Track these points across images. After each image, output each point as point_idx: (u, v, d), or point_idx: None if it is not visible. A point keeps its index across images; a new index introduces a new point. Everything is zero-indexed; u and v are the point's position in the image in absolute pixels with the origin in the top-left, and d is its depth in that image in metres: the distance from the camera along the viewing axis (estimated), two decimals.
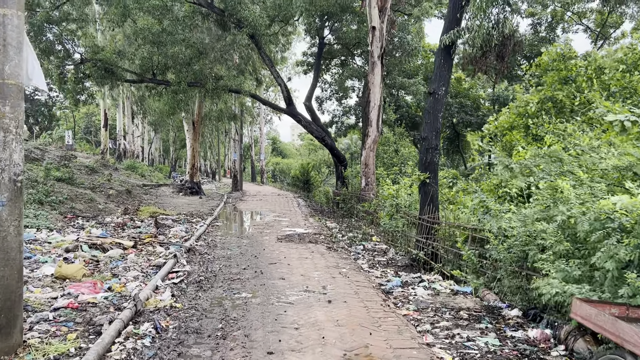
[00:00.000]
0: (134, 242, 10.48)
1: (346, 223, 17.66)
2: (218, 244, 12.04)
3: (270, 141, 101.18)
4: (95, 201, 19.59)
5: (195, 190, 30.80)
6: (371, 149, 19.79)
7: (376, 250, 12.61)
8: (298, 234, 13.99)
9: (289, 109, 22.84)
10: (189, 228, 14.50)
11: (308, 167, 38.57)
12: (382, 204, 15.78)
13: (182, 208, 22.36)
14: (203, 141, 70.25)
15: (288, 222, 17.18)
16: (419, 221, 11.54)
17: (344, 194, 21.02)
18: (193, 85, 21.14)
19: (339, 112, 34.09)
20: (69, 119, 74.72)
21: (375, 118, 19.79)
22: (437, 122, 11.55)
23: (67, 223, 14.61)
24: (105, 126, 36.69)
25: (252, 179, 66.80)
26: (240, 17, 19.58)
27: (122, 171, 33.31)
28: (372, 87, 19.74)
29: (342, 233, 14.88)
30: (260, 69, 31.89)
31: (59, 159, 26.00)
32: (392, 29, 20.82)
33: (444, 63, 11.54)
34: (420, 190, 11.65)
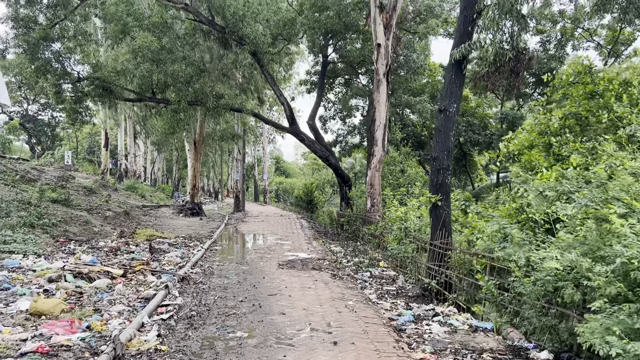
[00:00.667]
0: (123, 270, 9.72)
1: (351, 246, 16.86)
2: (215, 271, 11.26)
3: (273, 161, 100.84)
4: (90, 224, 18.88)
5: (196, 211, 30.08)
6: (377, 168, 19.09)
7: (384, 277, 11.80)
8: (301, 260, 13.20)
9: (292, 128, 22.23)
10: (185, 253, 13.73)
11: (311, 187, 37.87)
12: (389, 227, 15.00)
13: (181, 230, 21.62)
14: (206, 161, 69.87)
15: (290, 246, 16.40)
16: (431, 247, 10.76)
17: (349, 216, 20.26)
18: (193, 103, 20.58)
19: (343, 132, 33.53)
20: (72, 139, 74.51)
21: (380, 137, 19.13)
22: (449, 141, 10.86)
23: (58, 248, 13.87)
24: (105, 146, 36.19)
25: (255, 199, 66.09)
26: (242, 34, 19.10)
27: (121, 192, 32.68)
28: (378, 106, 19.12)
29: (348, 258, 14.09)
30: (262, 89, 31.44)
31: (56, 179, 25.39)
32: (398, 46, 20.30)
33: (455, 79, 10.89)
34: (431, 213, 10.90)
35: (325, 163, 22.85)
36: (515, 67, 11.19)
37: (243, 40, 19.35)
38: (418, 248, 11.88)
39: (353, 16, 20.95)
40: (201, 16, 19.07)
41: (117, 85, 19.35)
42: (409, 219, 12.59)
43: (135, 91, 20.30)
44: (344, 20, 20.90)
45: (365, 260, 13.41)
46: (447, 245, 10.38)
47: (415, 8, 23.84)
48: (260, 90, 31.10)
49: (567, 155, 8.01)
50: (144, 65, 18.79)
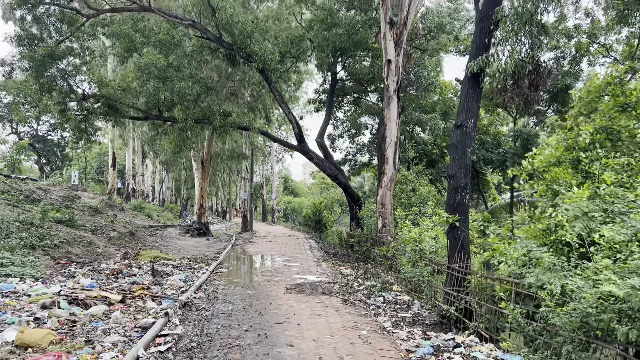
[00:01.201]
0: (122, 295, 9.16)
1: (362, 268, 16.19)
2: (219, 296, 10.66)
3: (281, 180, 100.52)
4: (94, 245, 18.40)
5: (203, 232, 29.57)
6: (388, 187, 18.49)
7: (398, 302, 11.12)
8: (310, 283, 12.56)
9: (300, 146, 21.75)
10: (189, 276, 13.15)
11: (320, 206, 37.25)
12: (402, 249, 14.36)
13: (187, 251, 21.07)
14: (214, 180, 69.66)
15: (299, 268, 15.77)
16: (448, 270, 10.11)
17: (359, 236, 19.60)
18: (200, 122, 20.21)
19: (352, 150, 33.00)
20: (82, 159, 74.72)
21: (391, 155, 18.57)
22: (466, 158, 10.29)
23: (58, 270, 13.35)
24: (113, 166, 35.96)
25: (263, 219, 65.51)
26: (250, 51, 18.79)
27: (128, 212, 32.29)
28: (388, 123, 18.62)
29: (359, 281, 13.42)
30: (270, 107, 31.17)
31: (62, 199, 25.04)
32: (409, 63, 19.89)
33: (472, 92, 10.37)
34: (449, 234, 10.28)
35: (335, 181, 22.31)
36: (534, 80, 10.65)
37: (251, 58, 19.03)
38: (434, 271, 11.23)
39: (362, 34, 20.60)
40: (208, 33, 18.81)
41: (123, 103, 19.04)
42: (424, 240, 11.95)
43: (141, 109, 19.98)
44: (353, 38, 20.55)
45: (377, 284, 12.74)
46: (466, 269, 9.74)
47: (425, 25, 23.51)
48: (268, 109, 30.84)
49: (598, 172, 7.41)
50: (151, 82, 18.49)
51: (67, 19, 16.61)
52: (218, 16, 17.79)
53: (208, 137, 30.01)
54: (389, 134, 18.60)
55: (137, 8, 18.04)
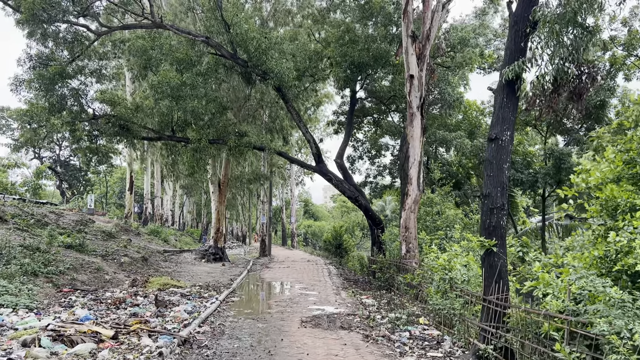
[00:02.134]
0: (114, 331, 8.14)
1: (385, 298, 14.93)
2: (226, 330, 9.57)
3: (302, 204, 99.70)
4: (102, 271, 17.56)
5: (219, 257, 28.60)
6: (412, 209, 17.31)
7: (426, 338, 9.87)
8: (327, 315, 11.39)
9: (319, 166, 20.78)
10: (197, 306, 12.10)
11: (340, 230, 36.09)
12: (428, 277, 13.13)
13: (200, 278, 20.08)
14: (234, 204, 69.15)
15: (316, 297, 14.59)
16: (484, 303, 8.87)
17: (381, 262, 18.36)
18: (214, 142, 19.45)
19: (373, 172, 31.92)
20: (103, 184, 75.12)
21: (415, 175, 17.45)
22: (502, 175, 9.12)
23: (57, 299, 12.46)
24: (130, 189, 35.51)
25: (283, 243, 64.44)
26: (266, 68, 18.05)
27: (144, 236, 31.60)
28: (412, 141, 17.55)
29: (382, 313, 12.19)
30: (288, 128, 30.43)
31: (74, 224, 24.43)
32: (432, 78, 18.90)
33: (507, 102, 9.26)
34: (484, 261, 9.04)
35: (355, 204, 21.20)
36: (577, 87, 9.52)
37: (267, 75, 18.28)
38: (467, 303, 9.98)
39: (382, 48, 19.72)
40: (223, 50, 18.16)
41: (135, 123, 18.42)
42: (454, 268, 10.72)
43: (154, 129, 19.33)
44: (372, 52, 19.69)
45: (402, 316, 11.49)
46: (505, 302, 8.49)
47: (448, 42, 22.57)
48: (286, 131, 30.07)
49: None
50: (164, 101, 17.84)
51: (77, 36, 16.14)
52: (232, 32, 17.15)
53: (225, 159, 29.32)
54: (412, 153, 17.51)
55: (150, 25, 17.54)
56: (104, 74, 18.63)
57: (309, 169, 22.68)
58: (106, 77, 18.94)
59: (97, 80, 17.73)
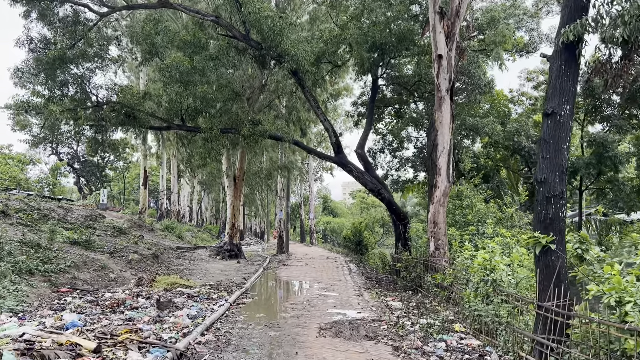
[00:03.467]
0: (97, 343, 6.86)
1: (413, 300, 13.46)
2: (232, 340, 8.24)
3: (320, 200, 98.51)
4: (107, 269, 16.44)
5: (235, 254, 27.41)
6: (441, 203, 15.76)
7: (466, 350, 8.40)
8: (349, 322, 9.98)
9: (338, 157, 19.35)
10: (203, 309, 10.81)
11: (360, 226, 34.57)
12: (462, 277, 11.62)
13: (212, 276, 18.86)
14: (253, 199, 68.25)
15: (336, 299, 13.19)
16: (540, 311, 7.36)
17: (407, 260, 16.86)
18: (227, 131, 18.17)
19: (395, 165, 30.28)
20: (121, 180, 74.84)
21: (444, 165, 15.90)
22: (561, 157, 7.59)
23: (50, 301, 11.30)
24: (144, 184, 34.59)
25: (302, 239, 63.24)
26: (281, 50, 16.67)
27: (158, 232, 30.62)
28: (440, 127, 16.00)
29: (411, 318, 10.73)
30: (305, 120, 29.04)
31: (83, 219, 23.46)
32: (462, 59, 17.27)
33: (566, 69, 7.71)
34: (539, 261, 7.52)
35: (377, 197, 19.71)
36: None
37: (282, 58, 16.90)
38: (514, 309, 8.46)
39: (406, 27, 18.11)
40: (234, 30, 16.83)
41: (142, 111, 17.22)
42: (497, 268, 9.19)
43: (162, 118, 18.12)
44: (394, 32, 18.10)
45: (435, 322, 10.03)
46: (568, 311, 6.97)
47: (477, 23, 20.87)
48: (304, 123, 28.70)
49: None
50: (172, 86, 16.60)
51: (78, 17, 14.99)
52: (244, 10, 15.78)
53: (240, 152, 28.12)
54: (441, 141, 15.95)
55: (156, 4, 16.30)
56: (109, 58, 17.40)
57: (327, 159, 21.27)
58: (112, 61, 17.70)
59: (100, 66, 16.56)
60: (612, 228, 23.08)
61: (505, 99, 28.52)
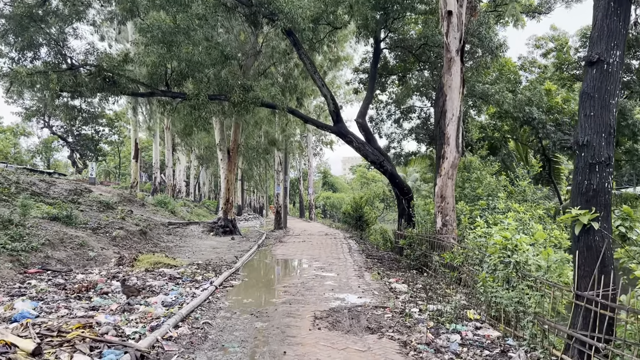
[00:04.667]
0: (38, 342, 5.59)
1: (419, 281, 12.23)
2: (211, 334, 6.99)
3: (320, 175, 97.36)
4: (87, 246, 15.18)
5: (229, 230, 26.20)
6: (449, 175, 14.41)
7: (485, 345, 7.17)
8: (349, 309, 8.73)
9: (337, 126, 17.90)
10: (183, 294, 9.56)
11: (361, 201, 33.30)
12: (475, 257, 10.36)
13: (202, 254, 17.64)
14: (252, 175, 66.93)
15: (334, 281, 11.95)
16: (579, 302, 6.08)
17: (411, 237, 15.61)
18: (215, 98, 16.70)
19: (397, 137, 28.84)
20: (117, 153, 73.32)
21: (453, 134, 14.49)
22: (609, 114, 6.20)
23: (11, 285, 10.05)
24: (135, 157, 33.17)
25: (301, 215, 62.17)
26: (274, 8, 15.09)
27: (149, 207, 29.35)
28: (449, 92, 14.52)
29: (418, 304, 9.49)
30: (303, 89, 27.44)
31: (67, 193, 22.15)
32: (473, 16, 15.67)
33: (616, 7, 6.26)
34: (579, 242, 6.19)
35: (379, 170, 18.34)
36: None
37: (275, 16, 15.32)
38: (545, 297, 7.18)
39: None
40: None
41: (122, 75, 15.71)
42: (522, 249, 7.89)
43: (145, 83, 16.62)
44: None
45: (445, 308, 8.78)
46: (613, 303, 5.69)
47: None
48: (301, 91, 27.08)
49: None
50: (154, 48, 15.07)
51: None
52: None
53: (235, 123, 26.66)
54: (450, 107, 14.51)
55: None
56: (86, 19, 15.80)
57: (325, 129, 19.83)
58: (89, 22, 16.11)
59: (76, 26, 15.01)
60: (628, 203, 21.78)
61: (514, 67, 26.95)
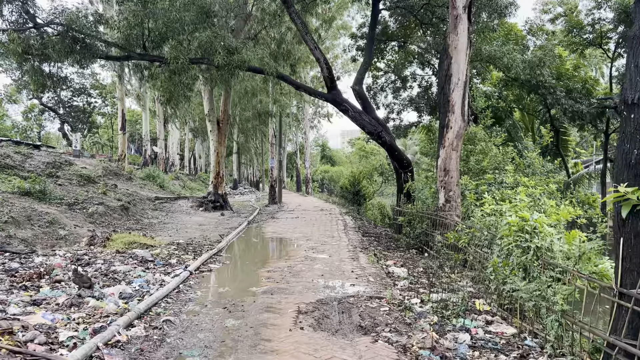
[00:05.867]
0: None
1: (420, 263, 11.04)
2: (170, 335, 5.78)
3: (319, 148, 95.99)
4: (58, 224, 13.92)
5: (220, 205, 24.97)
6: (454, 147, 13.07)
7: (498, 345, 5.98)
8: (339, 300, 7.52)
9: (332, 94, 16.46)
10: (150, 282, 8.34)
11: (359, 176, 32.08)
12: (483, 237, 9.12)
13: (186, 232, 16.43)
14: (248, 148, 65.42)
15: (325, 264, 10.74)
16: (624, 302, 4.86)
17: (411, 214, 14.38)
18: (198, 62, 15.23)
19: (397, 107, 27.35)
20: (109, 126, 71.60)
21: (459, 100, 13.10)
22: None
23: None
24: (122, 129, 31.69)
25: (298, 189, 61.02)
26: None
27: (137, 181, 28.05)
28: (455, 54, 13.06)
29: (419, 292, 8.29)
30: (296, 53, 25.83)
31: (44, 166, 20.80)
32: None
33: None
34: (624, 227, 4.91)
35: (377, 141, 16.97)
36: None
37: None
38: (575, 293, 5.96)
39: None
40: None
41: (94, 36, 14.19)
42: (543, 232, 6.63)
43: (120, 46, 15.10)
44: None
45: (451, 298, 7.59)
46: None
47: None
48: (296, 59, 25.47)
49: None
50: (127, 5, 13.52)
51: None
52: None
53: (225, 92, 25.16)
54: (456, 70, 13.07)
55: None
56: None
57: (319, 97, 18.37)
58: None
59: None
60: None
61: (520, 32, 25.31)
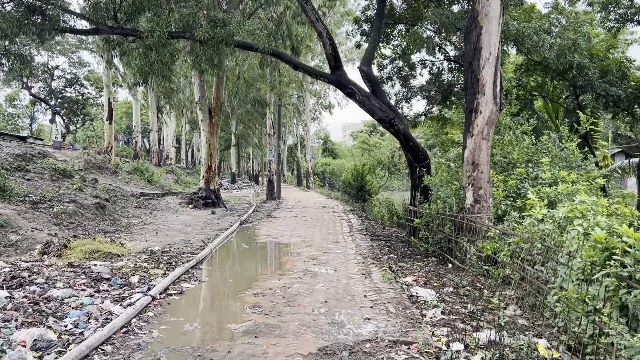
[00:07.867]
0: None
1: (447, 279, 8.79)
2: None
3: (320, 141, 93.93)
4: (10, 227, 11.71)
5: (211, 201, 22.75)
6: (484, 135, 10.80)
7: None
8: (350, 350, 5.26)
9: (336, 75, 14.15)
10: (91, 315, 6.11)
11: (363, 169, 29.80)
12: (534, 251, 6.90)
13: (167, 234, 14.19)
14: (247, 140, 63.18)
15: (330, 285, 8.49)
16: None
17: (429, 215, 12.13)
18: (178, 36, 12.95)
19: (405, 94, 25.07)
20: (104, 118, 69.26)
21: (490, 79, 10.82)
22: None
23: None
24: (109, 119, 29.43)
25: (298, 183, 58.78)
26: None
27: (122, 175, 25.82)
28: (486, 23, 10.77)
29: (458, 331, 6.04)
30: (300, 37, 23.55)
31: (12, 158, 18.58)
32: None
33: None
34: None
35: (389, 130, 14.63)
36: None
37: None
38: None
39: None
40: None
41: (54, 4, 11.91)
42: None
43: (88, 17, 12.81)
44: None
45: (504, 338, 5.35)
46: None
47: None
48: (297, 40, 23.11)
49: None
50: None
51: None
52: None
53: (217, 77, 22.90)
54: (487, 43, 10.78)
55: None
56: None
57: (321, 78, 16.02)
58: None
59: None
60: None
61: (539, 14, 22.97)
